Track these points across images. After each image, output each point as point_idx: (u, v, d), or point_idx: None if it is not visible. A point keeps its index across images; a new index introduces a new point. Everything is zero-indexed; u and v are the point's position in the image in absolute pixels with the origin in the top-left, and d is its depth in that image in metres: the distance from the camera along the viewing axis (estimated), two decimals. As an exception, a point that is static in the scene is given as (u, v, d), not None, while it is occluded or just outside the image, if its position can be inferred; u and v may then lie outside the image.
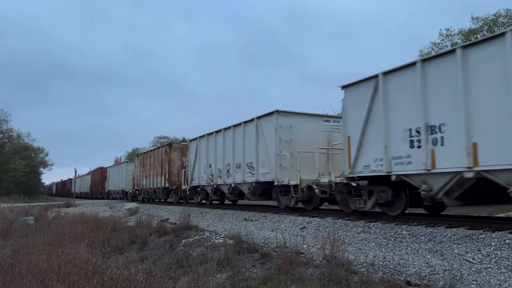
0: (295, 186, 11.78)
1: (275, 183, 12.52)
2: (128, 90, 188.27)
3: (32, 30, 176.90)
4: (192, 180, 19.07)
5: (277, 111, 12.68)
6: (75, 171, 42.51)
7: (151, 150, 27.29)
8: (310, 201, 12.02)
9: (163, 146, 24.46)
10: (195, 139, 19.19)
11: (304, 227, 9.75)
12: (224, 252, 7.17)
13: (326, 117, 13.80)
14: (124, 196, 34.03)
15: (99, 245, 10.17)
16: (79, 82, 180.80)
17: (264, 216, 12.29)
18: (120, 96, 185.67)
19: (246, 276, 5.93)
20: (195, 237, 9.35)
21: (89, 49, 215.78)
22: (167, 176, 22.70)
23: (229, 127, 15.64)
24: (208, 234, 9.71)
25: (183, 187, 20.55)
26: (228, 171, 15.57)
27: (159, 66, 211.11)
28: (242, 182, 14.53)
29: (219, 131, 16.44)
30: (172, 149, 23.19)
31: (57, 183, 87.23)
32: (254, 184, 13.81)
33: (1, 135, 59.27)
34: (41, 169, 74.29)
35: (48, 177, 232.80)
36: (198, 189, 18.84)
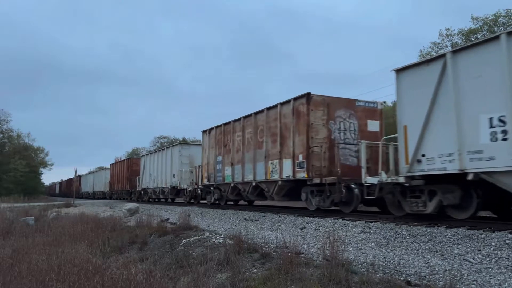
0: None
1: None
2: (120, 90, 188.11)
3: (15, 28, 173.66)
4: (418, 160, 8.28)
5: None
6: (75, 171, 42.30)
7: (246, 116, 14.86)
8: None
9: (285, 102, 12.63)
10: (434, 59, 8.24)
11: (304, 227, 9.75)
12: (224, 252, 7.17)
13: None
14: (174, 195, 23.27)
15: (99, 245, 10.16)
16: (69, 81, 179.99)
17: (264, 216, 12.30)
18: (113, 96, 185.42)
19: (246, 276, 5.93)
20: (195, 237, 9.35)
21: (76, 47, 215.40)
22: (299, 158, 11.80)
23: None
24: (208, 234, 9.72)
25: (368, 180, 9.75)
26: None
27: (148, 65, 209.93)
28: None
29: None
30: (313, 104, 11.72)
31: (61, 182, 78.99)
32: None
33: (1, 135, 59.28)
34: (41, 169, 74.31)
35: (48, 177, 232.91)
36: (413, 189, 8.60)
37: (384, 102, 14.11)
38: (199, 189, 19.62)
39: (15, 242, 10.58)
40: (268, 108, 13.67)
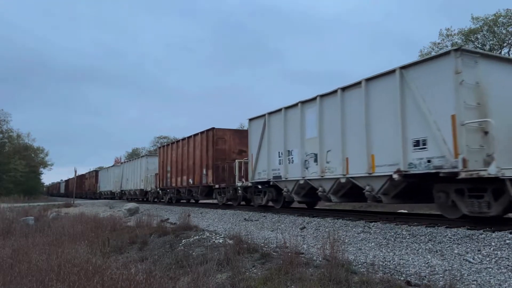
0: None
1: None
2: (112, 90, 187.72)
3: None
4: None
5: None
6: (75, 171, 42.09)
7: None
8: None
9: None
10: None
11: (304, 227, 9.75)
12: (224, 252, 7.17)
13: None
14: (405, 194, 8.67)
15: (99, 245, 10.15)
16: (57, 80, 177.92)
17: (264, 216, 12.29)
18: (106, 96, 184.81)
19: (246, 276, 5.93)
20: (195, 237, 9.35)
21: (61, 45, 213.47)
22: None
23: None
24: (208, 234, 9.71)
25: None
26: None
27: (135, 65, 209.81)
28: None
29: None
30: None
31: (67, 180, 69.05)
32: None
33: (1, 135, 59.28)
34: (41, 169, 74.28)
35: (48, 177, 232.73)
36: None
37: None
38: None
39: (15, 242, 10.58)
40: None
